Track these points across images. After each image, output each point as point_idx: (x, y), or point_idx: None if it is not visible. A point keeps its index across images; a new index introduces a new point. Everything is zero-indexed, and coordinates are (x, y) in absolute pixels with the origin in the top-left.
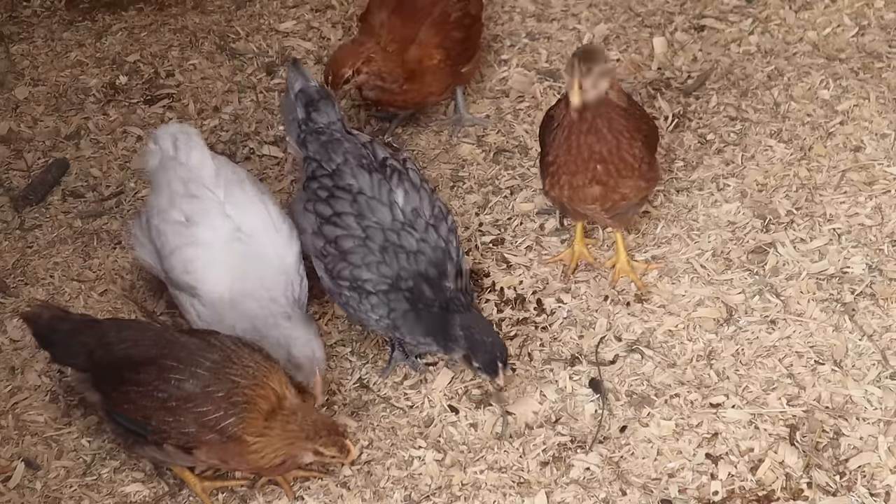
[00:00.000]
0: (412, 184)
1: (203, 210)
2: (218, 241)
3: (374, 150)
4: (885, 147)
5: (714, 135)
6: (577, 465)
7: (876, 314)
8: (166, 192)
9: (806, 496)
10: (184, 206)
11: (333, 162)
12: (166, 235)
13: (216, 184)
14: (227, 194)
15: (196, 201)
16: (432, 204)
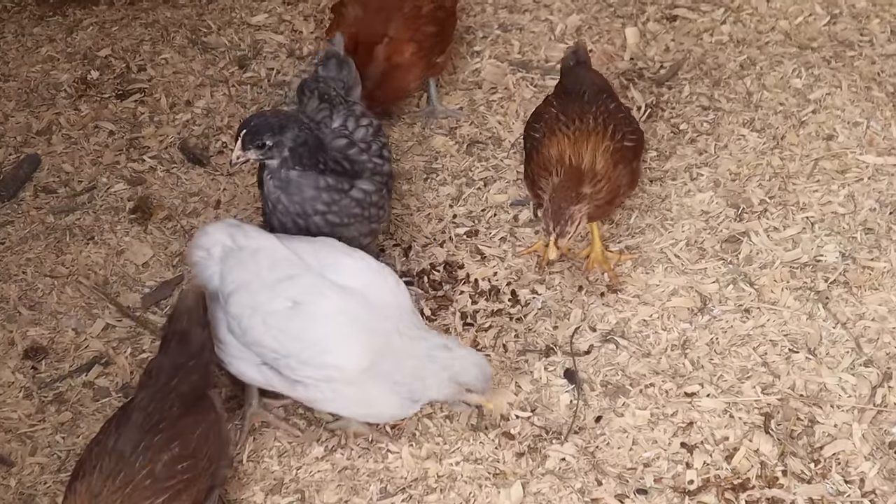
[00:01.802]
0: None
1: (308, 286)
2: (338, 309)
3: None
4: (857, 135)
5: (687, 124)
6: (552, 456)
7: (849, 302)
8: (255, 284)
9: (781, 484)
10: (286, 291)
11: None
12: (279, 328)
13: (297, 257)
14: (319, 260)
15: (296, 280)
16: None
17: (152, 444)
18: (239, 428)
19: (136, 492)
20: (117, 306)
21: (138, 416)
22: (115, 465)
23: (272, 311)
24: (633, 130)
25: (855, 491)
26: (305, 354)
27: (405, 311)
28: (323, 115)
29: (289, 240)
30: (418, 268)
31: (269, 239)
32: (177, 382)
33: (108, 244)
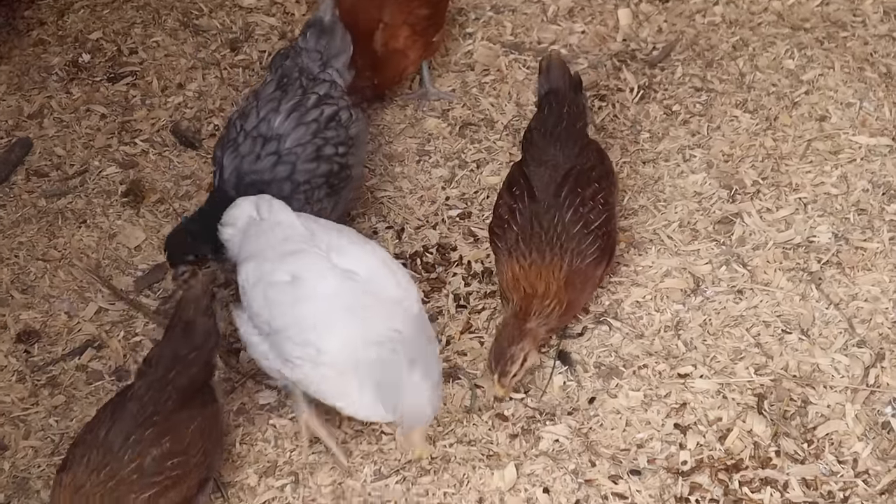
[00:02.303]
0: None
1: (310, 264)
2: (333, 292)
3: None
4: (850, 116)
5: (680, 106)
6: (546, 437)
7: (842, 283)
8: (264, 255)
9: (774, 464)
10: (289, 265)
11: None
12: (273, 301)
13: (315, 238)
14: (330, 244)
15: (300, 256)
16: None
17: (143, 437)
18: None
19: (121, 486)
20: (110, 289)
21: (133, 405)
22: (102, 459)
23: (272, 283)
24: (600, 233)
25: (848, 471)
26: (293, 331)
27: (410, 315)
28: (269, 108)
29: (308, 219)
30: (411, 250)
31: (289, 215)
32: (175, 374)
33: (100, 227)
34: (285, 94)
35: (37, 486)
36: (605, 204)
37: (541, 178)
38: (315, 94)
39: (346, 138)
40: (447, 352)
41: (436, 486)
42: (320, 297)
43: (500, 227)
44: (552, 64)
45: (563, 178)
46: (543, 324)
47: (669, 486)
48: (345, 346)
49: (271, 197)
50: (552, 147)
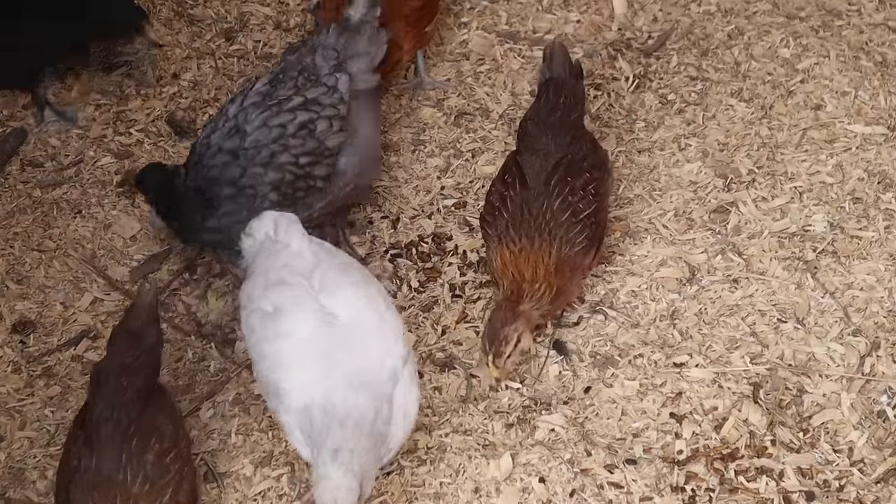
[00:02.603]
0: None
1: (294, 299)
2: (305, 337)
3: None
4: (845, 105)
5: (675, 95)
6: (541, 427)
7: (838, 272)
8: (261, 278)
9: (770, 453)
10: (275, 295)
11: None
12: (252, 328)
13: (313, 272)
14: (324, 282)
15: (288, 289)
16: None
17: (133, 450)
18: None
19: (137, 499)
20: (106, 279)
21: (106, 429)
22: (108, 492)
23: (256, 310)
24: (588, 222)
25: (843, 460)
26: (262, 365)
27: (380, 380)
28: (252, 101)
29: (321, 250)
30: (406, 240)
31: (301, 242)
32: (129, 380)
33: (95, 218)
34: (274, 89)
35: (32, 477)
36: (596, 194)
37: (532, 167)
38: (302, 97)
39: (315, 149)
40: (442, 341)
41: (432, 475)
42: (292, 337)
43: (490, 213)
44: (555, 52)
45: (553, 166)
46: (536, 307)
47: (665, 476)
48: (301, 395)
49: (295, 219)
50: (544, 136)
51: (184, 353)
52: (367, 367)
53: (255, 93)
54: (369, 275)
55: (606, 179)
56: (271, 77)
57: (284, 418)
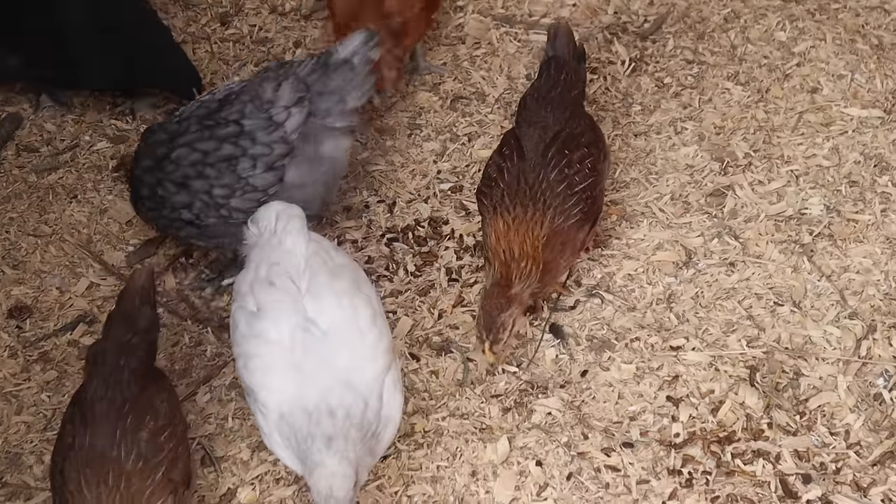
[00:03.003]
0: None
1: (276, 302)
2: (280, 341)
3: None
4: (841, 88)
5: (671, 78)
6: (538, 410)
7: (834, 255)
8: (252, 273)
9: (766, 436)
10: (260, 295)
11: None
12: (237, 323)
13: (303, 273)
14: (311, 285)
15: (273, 290)
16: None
17: (127, 427)
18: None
19: (132, 481)
20: (102, 264)
21: (101, 406)
22: (102, 468)
23: (241, 307)
24: (584, 196)
25: (840, 443)
26: (240, 362)
27: (355, 386)
28: (202, 112)
29: (319, 250)
30: (403, 224)
31: (297, 240)
32: (125, 360)
33: (91, 203)
34: (220, 109)
35: (29, 462)
36: (592, 170)
37: (530, 139)
38: (239, 126)
39: (233, 184)
40: (439, 325)
41: (429, 459)
42: (266, 341)
43: (487, 185)
44: (559, 32)
45: (551, 139)
46: (526, 287)
47: (662, 459)
48: (277, 400)
49: (299, 213)
50: (543, 110)
51: (180, 337)
52: (349, 371)
53: (205, 105)
54: (363, 279)
55: (603, 159)
56: (227, 93)
57: (261, 421)
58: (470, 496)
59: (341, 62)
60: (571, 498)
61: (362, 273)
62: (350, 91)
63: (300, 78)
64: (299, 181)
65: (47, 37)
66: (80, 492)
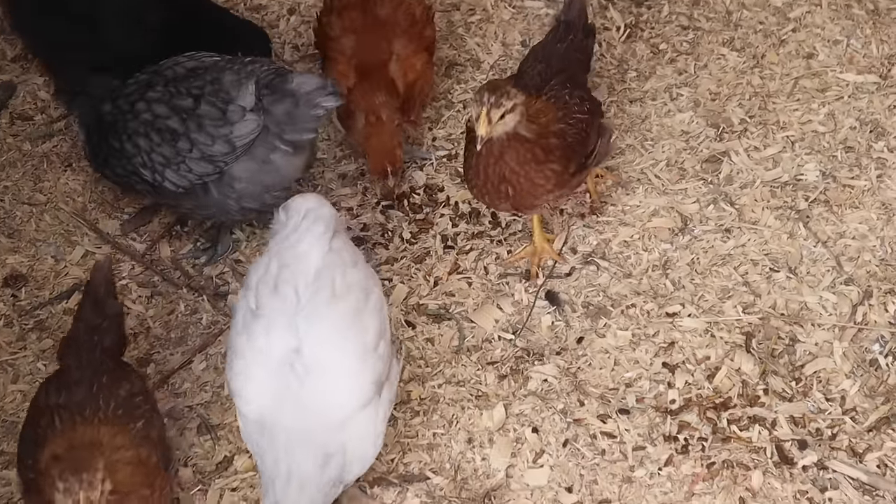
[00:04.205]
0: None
1: (272, 310)
2: (268, 356)
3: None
4: (837, 53)
5: (666, 44)
6: (534, 377)
7: (830, 220)
8: (262, 268)
9: (762, 402)
10: (259, 296)
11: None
12: (237, 310)
13: (309, 286)
14: (312, 303)
15: (272, 297)
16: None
17: (102, 384)
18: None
19: (111, 421)
20: (97, 233)
21: (77, 373)
22: (78, 406)
23: (241, 306)
24: (580, 126)
25: (836, 408)
26: (230, 352)
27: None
28: (176, 73)
29: (338, 256)
30: (398, 191)
31: (314, 248)
32: (98, 338)
33: (85, 171)
34: (186, 80)
35: None
36: (591, 112)
37: (533, 68)
38: (196, 102)
39: (173, 157)
40: (435, 293)
41: (425, 426)
42: (250, 346)
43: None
44: (574, 1)
45: (556, 72)
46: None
47: (658, 425)
48: (253, 410)
49: (328, 215)
50: (549, 51)
51: (176, 305)
52: (316, 415)
53: (180, 67)
54: (372, 304)
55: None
56: (197, 65)
57: (241, 420)
58: (466, 463)
59: (290, 94)
60: (567, 464)
61: (376, 293)
62: (289, 124)
63: (260, 83)
64: (244, 176)
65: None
66: (53, 426)
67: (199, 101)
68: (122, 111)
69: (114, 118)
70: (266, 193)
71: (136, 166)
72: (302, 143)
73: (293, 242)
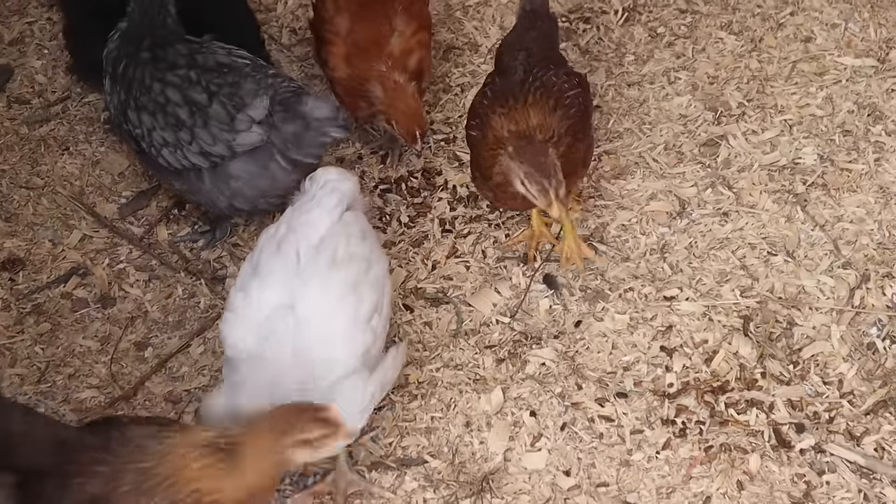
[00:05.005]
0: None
1: (267, 269)
2: (258, 310)
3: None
4: (835, 37)
5: (664, 28)
6: (532, 361)
7: (828, 204)
8: (273, 229)
9: (760, 386)
10: (259, 257)
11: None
12: (246, 262)
13: (310, 248)
14: (312, 266)
15: (273, 259)
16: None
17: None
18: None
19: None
20: (94, 217)
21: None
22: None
23: (245, 265)
24: (575, 102)
25: (833, 392)
26: (227, 302)
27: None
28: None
29: (346, 227)
30: (396, 175)
31: (322, 217)
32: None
33: (83, 155)
34: (210, 72)
35: None
36: (580, 87)
37: (514, 59)
38: (209, 98)
39: (173, 142)
40: (433, 276)
41: (423, 410)
42: (250, 304)
43: (474, 117)
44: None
45: (537, 62)
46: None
47: (656, 409)
48: (231, 353)
49: (347, 189)
50: (525, 39)
51: (173, 289)
52: (301, 367)
53: (209, 52)
54: (373, 278)
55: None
56: (226, 62)
57: (224, 365)
58: (464, 447)
59: (301, 116)
60: (565, 448)
61: (378, 269)
62: (295, 145)
63: (275, 99)
64: (241, 176)
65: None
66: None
67: (212, 100)
68: (139, 79)
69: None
70: (261, 198)
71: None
72: (303, 165)
73: (308, 208)
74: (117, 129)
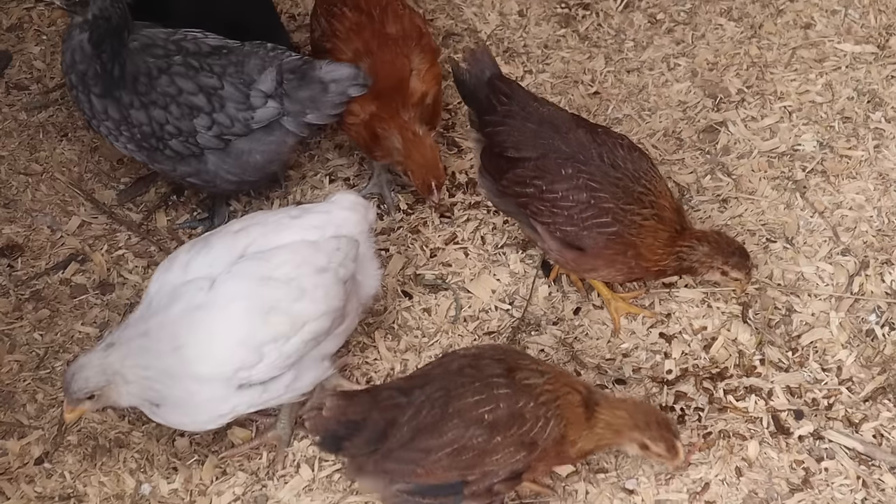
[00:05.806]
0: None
1: (218, 248)
2: (184, 270)
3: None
4: (835, 24)
5: (664, 14)
6: (531, 347)
7: (827, 191)
8: (282, 210)
9: (759, 373)
10: (220, 232)
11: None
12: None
13: (260, 249)
14: (249, 264)
15: (228, 238)
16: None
17: None
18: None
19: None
20: (93, 203)
21: None
22: None
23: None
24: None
25: (832, 378)
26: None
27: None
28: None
29: (314, 253)
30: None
31: (297, 229)
32: None
33: (81, 141)
34: (209, 56)
35: (22, 400)
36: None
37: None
38: (220, 81)
39: (187, 130)
40: (431, 263)
41: None
42: (177, 262)
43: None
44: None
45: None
46: None
47: (655, 395)
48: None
49: (337, 220)
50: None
51: None
52: (182, 348)
53: (199, 42)
54: (299, 310)
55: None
56: (221, 45)
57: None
58: None
59: (317, 80)
60: None
61: (307, 308)
62: (313, 109)
63: (282, 69)
64: (246, 149)
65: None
66: None
67: (223, 81)
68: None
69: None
70: (269, 164)
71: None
72: (314, 128)
73: (291, 215)
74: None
